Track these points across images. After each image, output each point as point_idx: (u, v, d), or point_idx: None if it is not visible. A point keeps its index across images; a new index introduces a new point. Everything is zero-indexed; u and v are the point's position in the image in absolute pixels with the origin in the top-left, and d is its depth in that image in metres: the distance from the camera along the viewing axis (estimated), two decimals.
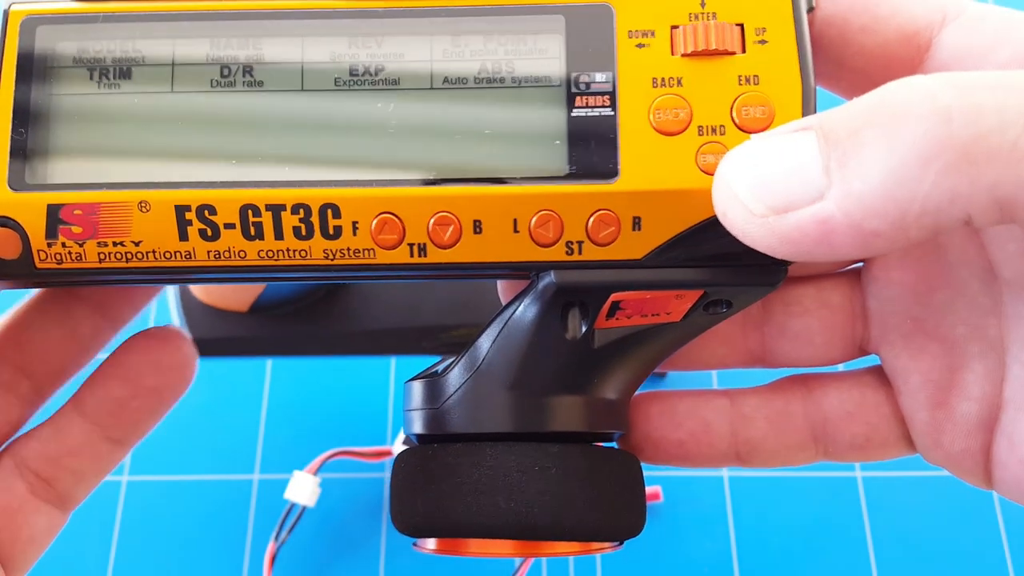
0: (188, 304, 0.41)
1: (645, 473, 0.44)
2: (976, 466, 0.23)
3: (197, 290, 0.41)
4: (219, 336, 0.41)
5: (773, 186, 0.17)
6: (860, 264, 0.25)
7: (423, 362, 0.25)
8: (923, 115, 0.16)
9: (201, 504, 0.43)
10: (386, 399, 0.46)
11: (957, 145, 0.16)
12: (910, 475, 0.44)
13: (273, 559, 0.41)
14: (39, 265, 0.21)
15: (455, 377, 0.23)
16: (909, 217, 0.16)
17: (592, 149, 0.20)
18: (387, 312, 0.42)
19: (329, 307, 0.41)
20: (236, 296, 0.40)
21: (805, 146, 0.17)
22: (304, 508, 0.41)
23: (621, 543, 0.23)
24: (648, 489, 0.43)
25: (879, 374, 0.25)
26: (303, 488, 0.41)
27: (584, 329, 0.22)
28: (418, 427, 0.23)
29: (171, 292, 0.42)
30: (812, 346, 0.25)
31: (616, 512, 0.22)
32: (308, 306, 0.41)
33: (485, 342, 0.22)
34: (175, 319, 0.42)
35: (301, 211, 0.20)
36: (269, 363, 0.46)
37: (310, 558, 0.42)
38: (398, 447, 0.43)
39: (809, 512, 0.43)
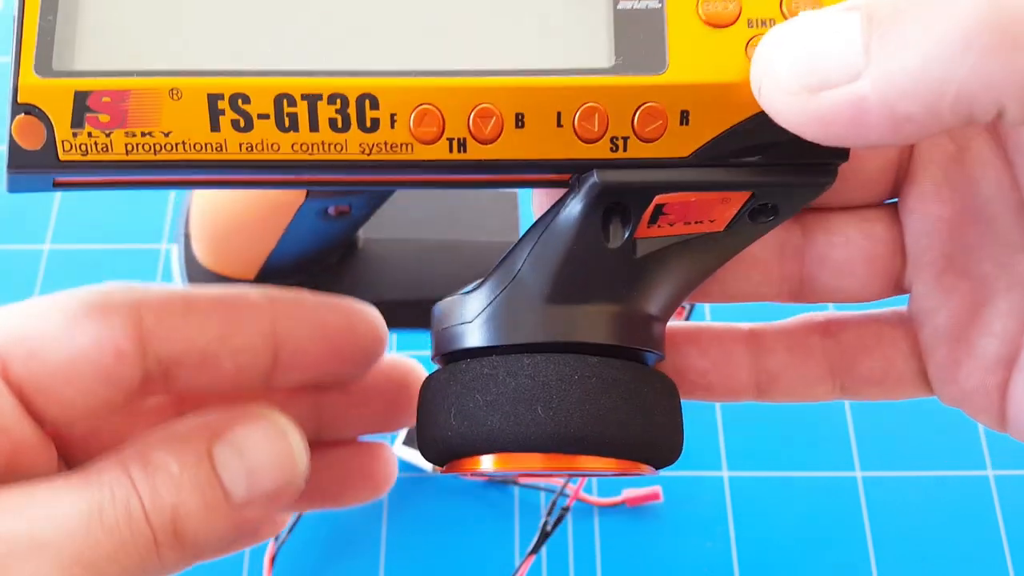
0: (192, 271, 0.41)
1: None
2: (991, 404, 0.23)
3: (202, 255, 0.40)
4: None
5: (811, 63, 0.17)
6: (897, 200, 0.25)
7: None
8: None
9: None
10: None
11: (1001, 26, 0.15)
12: (910, 475, 0.44)
13: (273, 559, 0.41)
14: (63, 156, 0.20)
15: (488, 290, 0.22)
16: (944, 102, 0.16)
17: (638, 42, 0.20)
18: (396, 284, 0.42)
19: (339, 277, 0.41)
20: (242, 261, 0.39)
21: (848, 24, 0.17)
22: None
23: (659, 468, 0.23)
24: (648, 489, 0.43)
25: (897, 313, 0.25)
26: None
27: (626, 236, 0.21)
28: (448, 344, 0.23)
29: (175, 258, 0.42)
30: (853, 277, 0.24)
31: (657, 430, 0.22)
32: (316, 275, 0.40)
33: (520, 253, 0.22)
34: (176, 280, 0.42)
35: (338, 101, 0.20)
36: None
37: (310, 558, 0.42)
38: (398, 447, 0.43)
39: (809, 512, 0.43)
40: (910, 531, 0.43)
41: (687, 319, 0.45)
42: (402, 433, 0.43)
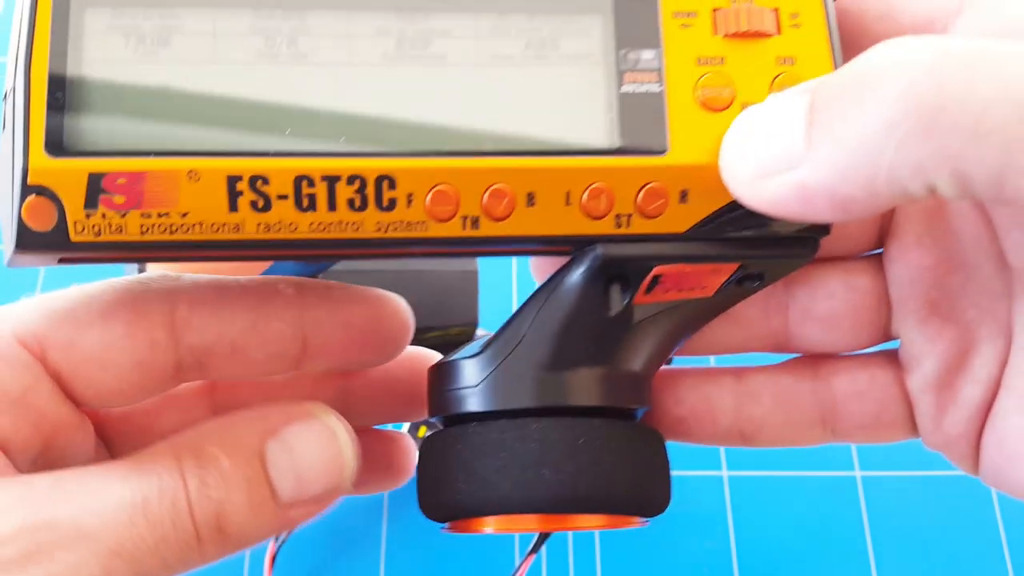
0: None
1: None
2: (971, 450, 0.23)
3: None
4: None
5: (758, 151, 0.19)
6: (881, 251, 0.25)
7: None
8: (896, 77, 0.16)
9: None
10: None
11: (922, 111, 0.16)
12: (910, 475, 0.44)
13: (273, 559, 0.41)
14: (74, 238, 0.19)
15: (492, 355, 0.23)
16: (878, 183, 0.17)
17: (642, 124, 0.21)
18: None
19: None
20: None
21: (794, 112, 0.18)
22: None
23: (649, 518, 0.23)
24: None
25: (888, 356, 0.25)
26: None
27: (625, 303, 0.22)
28: (452, 406, 0.23)
29: None
30: (839, 330, 0.24)
31: (652, 487, 0.23)
32: None
33: (524, 319, 0.23)
34: None
35: (356, 182, 0.20)
36: None
37: (310, 558, 0.42)
38: None
39: (809, 512, 0.43)
40: (909, 531, 0.43)
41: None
42: (405, 427, 0.43)
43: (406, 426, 0.43)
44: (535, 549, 0.41)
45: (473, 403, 0.23)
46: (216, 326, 0.22)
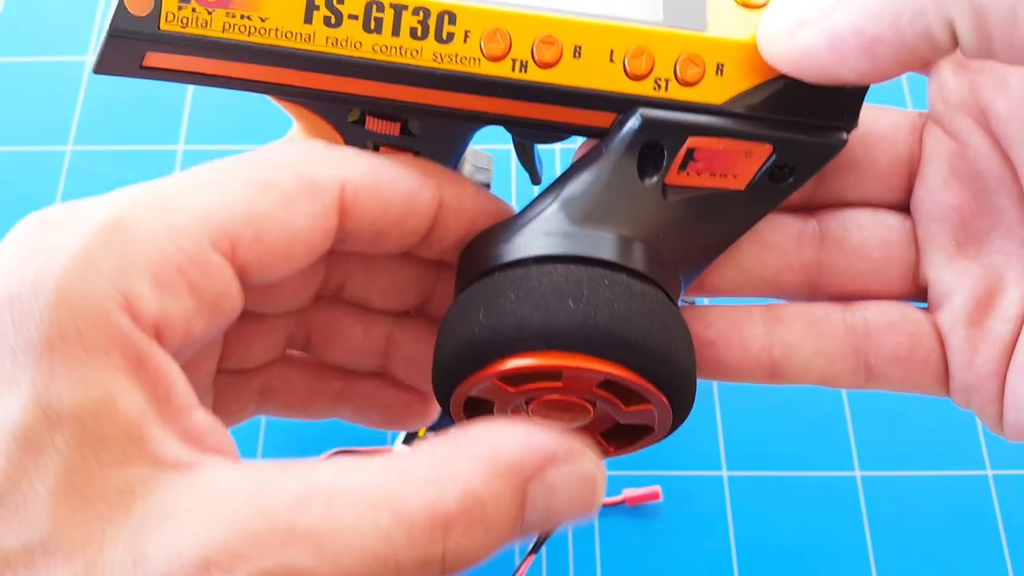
0: None
1: (645, 473, 0.44)
2: (999, 390, 0.23)
3: None
4: None
5: (795, 11, 0.21)
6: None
7: None
8: None
9: None
10: None
11: None
12: (909, 475, 0.44)
13: None
14: (163, 26, 0.21)
15: (524, 214, 0.23)
16: (903, 21, 0.18)
17: (684, 7, 0.23)
18: None
19: None
20: None
21: None
22: None
23: (674, 404, 0.22)
24: (648, 489, 0.43)
25: (919, 296, 0.25)
26: None
27: (659, 175, 0.23)
28: (482, 266, 0.23)
29: None
30: (870, 261, 0.25)
31: (676, 352, 0.22)
32: None
33: (560, 183, 0.23)
34: None
35: (421, 13, 0.22)
36: None
37: None
38: (398, 447, 0.43)
39: (809, 512, 0.43)
40: (909, 530, 0.43)
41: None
42: (402, 433, 0.43)
43: (401, 435, 0.43)
44: (535, 549, 0.41)
45: (500, 256, 0.23)
46: (374, 214, 0.22)
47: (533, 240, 0.23)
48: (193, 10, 0.21)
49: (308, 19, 0.22)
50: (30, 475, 0.15)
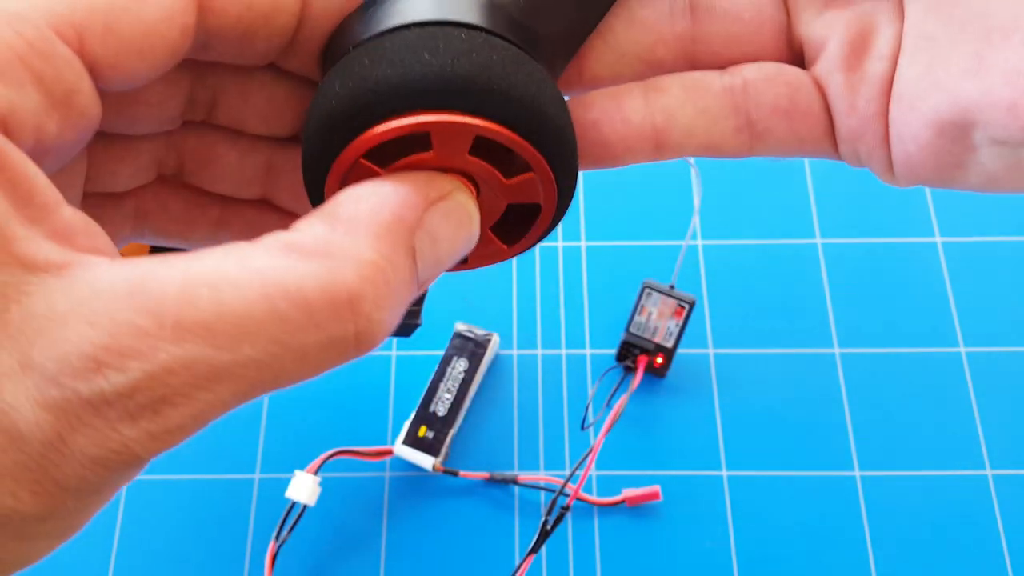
0: None
1: (645, 473, 0.44)
2: (884, 130, 0.23)
3: None
4: None
5: None
6: None
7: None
8: None
9: (202, 504, 0.43)
10: (386, 399, 0.46)
11: None
12: (909, 475, 0.44)
13: (274, 558, 0.41)
14: None
15: None
16: None
17: None
18: None
19: None
20: None
21: None
22: (305, 507, 0.42)
23: (554, 164, 0.21)
24: (647, 489, 0.43)
25: (795, 61, 0.25)
26: (304, 487, 0.41)
27: None
28: (343, 48, 0.22)
29: None
30: (741, 23, 0.25)
31: (547, 105, 0.21)
32: None
33: None
34: None
35: None
36: None
37: (310, 557, 0.42)
38: (398, 447, 0.43)
39: (809, 512, 0.43)
40: (909, 531, 0.43)
41: (687, 318, 0.45)
42: (402, 433, 0.43)
43: (406, 426, 0.43)
44: (535, 548, 0.41)
45: (355, 37, 0.21)
46: (237, 8, 0.21)
47: (385, 16, 0.21)
48: None
49: None
50: None
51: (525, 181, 0.22)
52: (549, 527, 0.41)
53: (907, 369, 0.47)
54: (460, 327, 0.46)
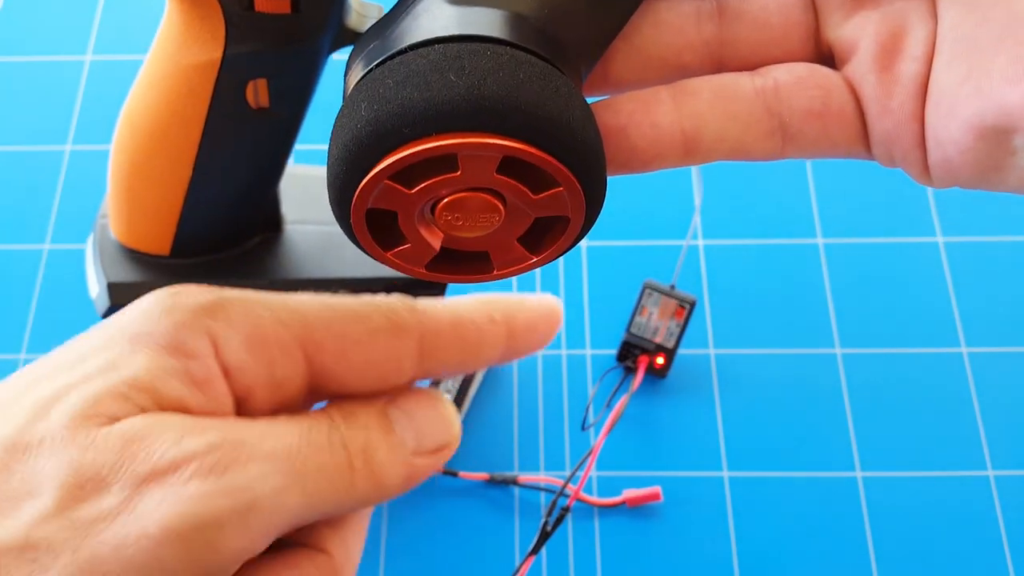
0: (104, 247, 0.40)
1: (645, 474, 0.44)
2: (919, 130, 0.23)
3: (115, 230, 0.40)
4: (139, 281, 0.40)
5: None
6: None
7: None
8: None
9: None
10: None
11: None
12: (910, 475, 0.44)
13: None
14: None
15: (401, 5, 0.22)
16: None
17: None
18: (319, 265, 0.41)
19: (260, 258, 0.41)
20: (154, 234, 0.39)
21: None
22: None
23: (583, 180, 0.21)
24: (648, 489, 0.43)
25: (823, 63, 0.25)
26: None
27: None
28: (365, 65, 0.21)
29: (89, 250, 0.42)
30: (770, 28, 0.24)
31: (576, 121, 0.20)
32: (232, 256, 0.40)
33: None
34: (90, 264, 0.41)
35: None
36: None
37: None
38: None
39: (810, 513, 0.43)
40: (910, 531, 0.43)
41: (687, 319, 0.45)
42: None
43: None
44: (535, 549, 0.41)
45: (376, 55, 0.21)
46: (349, 377, 0.22)
47: (407, 30, 0.21)
48: None
49: None
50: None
51: (553, 196, 0.21)
52: (549, 528, 0.41)
53: (909, 369, 0.47)
54: None
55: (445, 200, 0.21)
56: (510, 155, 0.20)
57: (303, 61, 0.31)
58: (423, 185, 0.21)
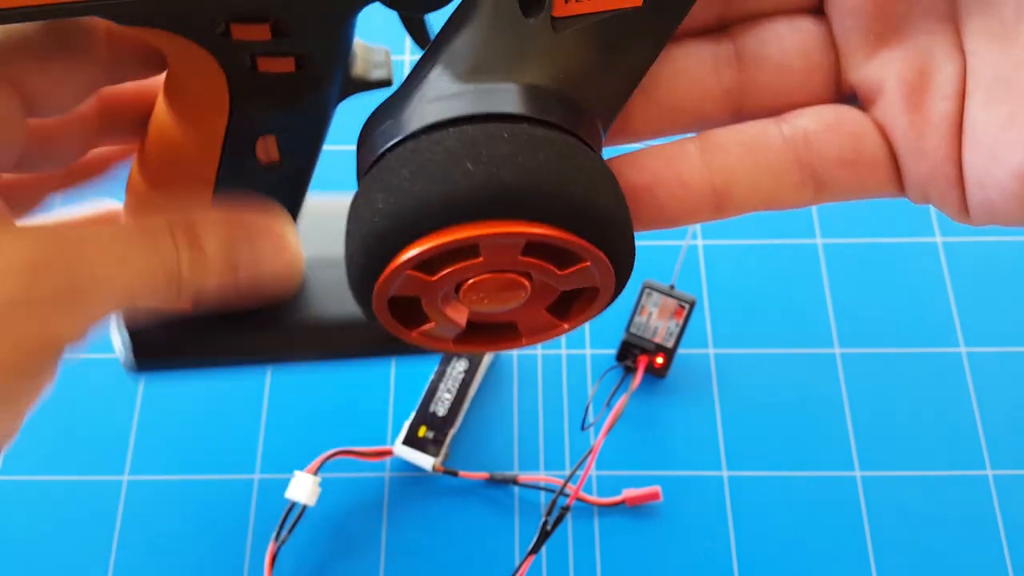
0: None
1: (645, 473, 0.44)
2: (956, 171, 0.22)
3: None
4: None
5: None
6: None
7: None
8: None
9: (201, 504, 0.43)
10: (386, 399, 0.46)
11: None
12: (910, 475, 0.44)
13: (273, 559, 0.41)
14: None
15: (413, 81, 0.21)
16: None
17: None
18: (332, 301, 0.38)
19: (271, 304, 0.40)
20: None
21: None
22: (305, 508, 0.41)
23: (612, 256, 0.21)
24: (647, 489, 0.43)
25: (851, 104, 0.24)
26: (303, 488, 0.41)
27: (544, 9, 0.20)
28: (374, 152, 0.21)
29: None
30: (792, 73, 0.23)
31: (601, 198, 0.20)
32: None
33: (439, 44, 0.21)
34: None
35: None
36: None
37: (310, 558, 0.42)
38: (398, 447, 0.43)
39: (809, 512, 0.43)
40: (909, 530, 0.43)
41: (687, 319, 0.45)
42: (402, 433, 0.43)
43: (405, 427, 0.43)
44: (535, 549, 0.41)
45: (388, 136, 0.20)
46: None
47: (419, 110, 0.20)
48: None
49: None
50: None
51: (580, 270, 0.21)
52: (549, 527, 0.41)
53: (908, 369, 0.47)
54: None
55: (470, 282, 0.21)
56: (533, 240, 0.20)
57: (311, 115, 0.31)
58: (445, 272, 0.20)
